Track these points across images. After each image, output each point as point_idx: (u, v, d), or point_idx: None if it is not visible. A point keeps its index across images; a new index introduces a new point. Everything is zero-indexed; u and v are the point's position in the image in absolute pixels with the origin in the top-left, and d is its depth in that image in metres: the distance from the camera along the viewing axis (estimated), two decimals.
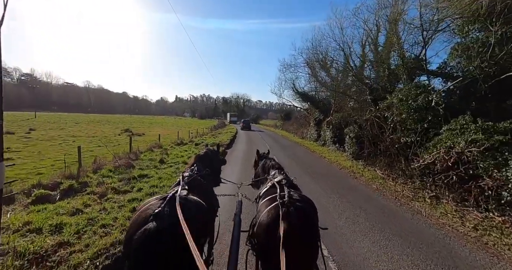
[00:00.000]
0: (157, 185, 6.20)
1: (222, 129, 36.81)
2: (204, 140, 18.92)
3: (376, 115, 10.09)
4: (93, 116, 74.53)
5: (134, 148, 11.61)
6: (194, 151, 12.59)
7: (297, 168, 9.87)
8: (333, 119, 14.79)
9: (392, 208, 5.37)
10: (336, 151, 13.98)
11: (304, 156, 13.57)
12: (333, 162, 11.20)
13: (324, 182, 7.62)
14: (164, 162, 9.24)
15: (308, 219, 1.85)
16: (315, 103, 21.97)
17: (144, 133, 27.47)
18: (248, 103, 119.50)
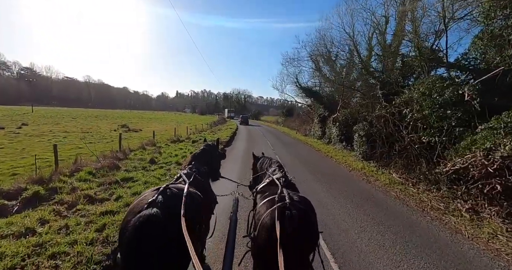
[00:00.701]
0: (141, 191, 5.27)
1: (222, 125, 35.84)
2: (202, 137, 17.97)
3: (390, 112, 9.09)
4: (92, 111, 73.67)
5: (125, 146, 10.69)
6: (190, 149, 11.66)
7: (302, 169, 8.93)
8: (340, 116, 13.78)
9: (422, 225, 4.41)
10: (343, 150, 13.01)
11: (309, 155, 12.62)
12: (341, 163, 10.24)
13: (334, 187, 6.68)
14: (155, 162, 8.31)
15: (309, 222, 1.87)
16: (319, 98, 20.91)
17: (141, 129, 26.55)
18: (249, 99, 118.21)
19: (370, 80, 13.69)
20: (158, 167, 7.78)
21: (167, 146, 12.48)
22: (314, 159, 11.28)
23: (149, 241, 1.47)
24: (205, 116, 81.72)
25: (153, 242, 1.48)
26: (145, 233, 1.46)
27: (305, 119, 30.08)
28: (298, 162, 10.29)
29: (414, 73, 11.01)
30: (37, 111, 48.03)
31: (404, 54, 11.01)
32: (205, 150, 3.29)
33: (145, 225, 1.47)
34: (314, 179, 7.54)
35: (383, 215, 4.83)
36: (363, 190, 6.52)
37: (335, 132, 14.37)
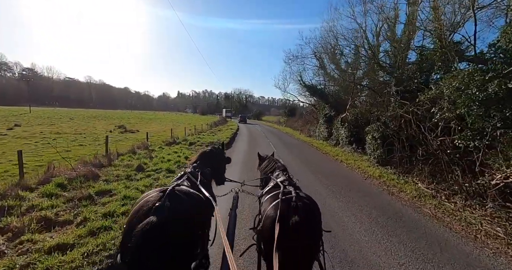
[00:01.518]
0: (115, 211, 4.21)
1: (222, 126, 34.80)
2: (201, 138, 16.93)
3: (412, 111, 7.97)
4: (92, 111, 72.97)
5: (114, 149, 9.67)
6: (186, 152, 10.62)
7: (311, 177, 7.83)
8: (349, 115, 12.66)
9: (485, 263, 3.31)
10: (353, 153, 11.89)
11: (316, 158, 11.52)
12: (353, 168, 9.13)
13: (352, 202, 5.58)
14: (142, 169, 7.25)
15: (314, 214, 1.88)
16: (324, 97, 19.78)
17: (139, 130, 25.56)
18: (251, 99, 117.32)
19: (382, 76, 12.54)
20: (145, 175, 6.72)
21: (161, 149, 11.43)
22: (322, 164, 10.17)
23: (157, 248, 1.47)
24: (206, 116, 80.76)
25: (161, 249, 1.48)
26: (152, 240, 1.45)
27: (308, 119, 28.94)
28: (305, 168, 9.19)
29: (434, 67, 9.86)
30: (35, 112, 47.32)
31: (423, 47, 9.86)
32: (211, 152, 3.30)
33: (152, 232, 1.44)
34: (326, 190, 6.45)
35: (425, 244, 3.72)
36: (388, 205, 5.41)
37: (344, 133, 13.25)
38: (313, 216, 1.86)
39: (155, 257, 1.45)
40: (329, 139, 16.63)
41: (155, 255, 1.45)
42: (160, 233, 1.47)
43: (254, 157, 3.92)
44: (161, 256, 1.46)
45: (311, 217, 1.82)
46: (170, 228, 1.52)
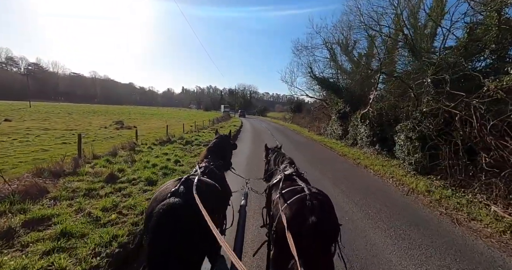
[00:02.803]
0: (25, 265, 2.49)
1: (225, 122, 33.07)
2: (200, 136, 15.21)
3: (468, 105, 6.04)
4: (95, 106, 72.02)
5: (92, 149, 8.02)
6: (178, 154, 8.92)
7: (334, 189, 6.05)
8: (372, 111, 10.73)
9: None
10: (377, 156, 10.00)
11: (333, 162, 9.69)
12: (384, 177, 7.29)
13: (402, 235, 3.79)
14: (114, 179, 5.55)
15: (331, 212, 1.84)
16: (338, 91, 17.79)
17: (136, 126, 23.98)
18: (255, 95, 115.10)
19: (411, 64, 10.49)
20: (114, 189, 5.00)
21: (150, 149, 9.74)
22: (343, 170, 8.34)
23: (172, 227, 1.53)
24: (210, 112, 79.20)
25: (176, 228, 1.54)
26: (168, 219, 1.54)
27: (317, 116, 26.95)
28: (323, 176, 7.39)
29: (485, 50, 7.86)
30: (36, 107, 46.33)
31: (478, 23, 7.81)
32: (219, 143, 3.34)
33: (168, 212, 1.56)
34: (360, 213, 4.65)
35: None
36: (465, 247, 3.58)
37: (364, 132, 11.34)
38: (330, 213, 1.82)
39: (172, 236, 1.52)
40: (344, 138, 14.71)
41: (172, 234, 1.52)
42: (175, 214, 1.57)
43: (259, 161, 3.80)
44: (178, 237, 1.53)
45: (329, 215, 1.78)
46: (184, 210, 1.60)
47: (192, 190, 1.75)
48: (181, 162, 7.83)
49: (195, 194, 1.71)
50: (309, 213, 1.68)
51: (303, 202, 1.79)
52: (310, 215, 1.66)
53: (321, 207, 1.74)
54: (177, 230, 1.53)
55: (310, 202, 1.74)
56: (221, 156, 3.08)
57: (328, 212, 1.80)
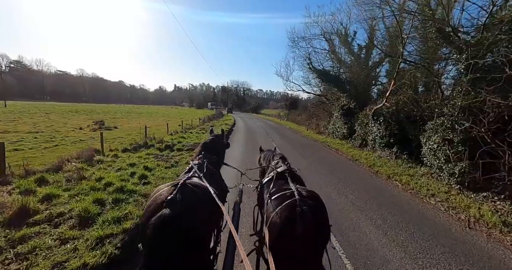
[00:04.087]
0: None
1: (217, 120, 30.96)
2: (185, 138, 13.17)
3: None
4: (82, 105, 68.64)
5: (24, 163, 5.97)
6: (150, 165, 6.92)
7: (356, 214, 4.20)
8: (389, 106, 8.93)
9: None
10: (395, 160, 8.23)
11: (344, 170, 7.86)
12: (420, 193, 5.48)
13: None
14: (24, 217, 3.54)
15: (320, 217, 1.79)
16: (340, 85, 15.99)
17: (117, 126, 21.75)
18: (249, 92, 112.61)
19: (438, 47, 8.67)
20: (11, 239, 3.01)
21: (115, 158, 7.70)
22: (361, 182, 6.51)
23: (170, 240, 1.47)
24: (202, 110, 76.76)
25: (174, 240, 1.48)
26: (165, 232, 1.47)
27: (314, 112, 25.16)
28: (337, 193, 5.55)
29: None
30: (13, 106, 43.12)
31: None
32: (213, 140, 3.32)
33: (165, 224, 1.47)
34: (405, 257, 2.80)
35: None
36: None
37: (377, 132, 9.54)
38: (321, 217, 1.78)
39: (169, 249, 1.47)
40: (350, 137, 12.92)
41: (169, 248, 1.47)
42: (173, 226, 1.48)
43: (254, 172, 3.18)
44: (175, 249, 1.48)
45: (319, 219, 1.74)
46: (183, 221, 1.52)
47: (189, 197, 1.68)
48: (148, 177, 5.84)
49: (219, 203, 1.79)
50: (300, 220, 1.65)
51: (292, 208, 1.74)
52: (301, 222, 1.65)
53: (312, 213, 1.70)
54: (174, 243, 1.48)
55: (299, 209, 1.70)
56: (215, 153, 3.04)
57: (319, 216, 1.76)
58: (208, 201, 1.83)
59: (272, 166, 2.62)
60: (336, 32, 21.27)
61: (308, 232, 1.61)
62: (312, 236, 1.64)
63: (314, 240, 1.66)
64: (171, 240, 1.47)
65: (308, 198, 1.85)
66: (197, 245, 1.59)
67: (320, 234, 1.72)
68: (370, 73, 18.10)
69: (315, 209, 1.76)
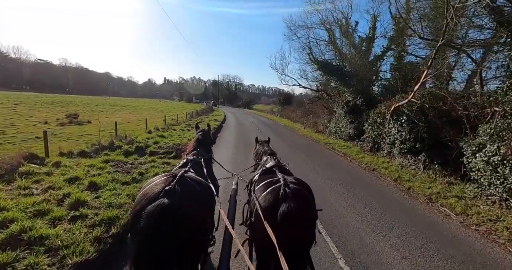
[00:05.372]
0: None
1: (206, 116, 28.72)
2: (165, 138, 11.07)
3: None
4: (62, 96, 64.07)
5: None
6: (98, 182, 4.86)
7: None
8: (413, 103, 7.20)
9: None
10: (425, 171, 6.54)
11: (358, 182, 6.10)
12: (493, 232, 3.75)
13: None
14: None
15: (305, 200, 1.81)
16: (344, 78, 14.20)
17: (91, 121, 19.24)
18: (240, 87, 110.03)
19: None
20: None
21: (54, 168, 5.57)
22: (393, 210, 4.75)
23: (165, 231, 1.41)
24: (192, 104, 73.80)
25: (169, 232, 1.42)
26: (163, 222, 1.40)
27: (311, 109, 23.42)
28: (371, 231, 3.75)
29: None
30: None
31: None
32: (204, 136, 3.35)
33: (163, 213, 1.42)
34: None
35: None
36: None
37: (398, 134, 7.80)
38: (304, 201, 1.79)
39: (165, 241, 1.40)
40: (358, 139, 11.20)
41: (165, 239, 1.40)
42: (172, 216, 1.44)
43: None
44: (172, 242, 1.43)
45: (302, 203, 1.74)
46: (181, 212, 1.49)
47: (187, 189, 1.67)
48: (86, 205, 3.81)
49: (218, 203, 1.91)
50: (281, 201, 1.69)
51: (277, 191, 1.79)
52: (282, 203, 1.67)
53: (294, 195, 1.73)
54: (170, 234, 1.41)
55: (283, 191, 1.75)
56: (208, 149, 3.14)
57: (302, 199, 1.78)
58: (205, 195, 1.85)
59: (262, 163, 2.73)
60: (336, 21, 19.54)
61: (291, 214, 1.62)
62: (296, 218, 1.63)
63: (298, 222, 1.65)
64: (168, 230, 1.40)
65: (293, 183, 1.89)
66: (193, 237, 1.57)
67: (304, 216, 1.71)
68: (372, 67, 16.49)
69: (298, 192, 1.80)
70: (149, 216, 1.40)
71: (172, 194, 1.53)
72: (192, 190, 1.71)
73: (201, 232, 1.64)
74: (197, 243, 1.64)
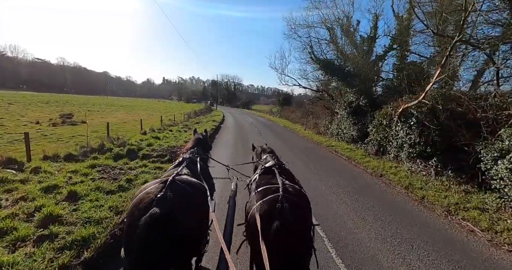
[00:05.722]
0: None
1: (204, 116, 28.19)
2: (159, 140, 10.56)
3: None
4: (59, 96, 63.25)
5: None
6: (78, 191, 4.34)
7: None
8: (423, 105, 6.72)
9: None
10: (437, 178, 6.06)
11: (365, 190, 5.62)
12: None
13: None
14: None
15: (301, 214, 1.80)
16: (346, 79, 13.75)
17: (86, 121, 18.61)
18: (240, 87, 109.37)
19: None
20: None
21: (32, 174, 5.04)
22: (407, 225, 4.27)
23: (162, 240, 1.44)
24: (190, 104, 73.20)
25: (164, 241, 1.45)
26: (156, 232, 1.42)
27: (311, 110, 22.95)
28: (388, 254, 3.25)
29: None
30: None
31: None
32: (204, 137, 3.46)
33: (156, 223, 1.43)
34: None
35: None
36: None
37: (406, 137, 7.32)
38: (300, 215, 1.78)
39: (160, 249, 1.43)
40: (361, 141, 10.71)
41: (160, 248, 1.43)
42: (164, 225, 1.44)
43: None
44: (166, 249, 1.45)
45: (297, 217, 1.73)
46: (174, 220, 1.50)
47: (179, 195, 1.66)
48: (61, 220, 3.30)
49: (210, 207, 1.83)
50: (277, 215, 1.67)
51: (273, 203, 1.76)
52: (277, 217, 1.65)
53: (292, 210, 1.71)
54: (162, 242, 1.44)
55: (280, 205, 1.72)
56: (205, 150, 3.14)
57: (299, 214, 1.76)
58: (197, 196, 1.84)
59: (261, 161, 2.69)
60: (337, 20, 19.15)
61: (284, 229, 1.60)
62: (289, 233, 1.61)
63: (291, 237, 1.63)
64: (161, 239, 1.43)
65: (292, 195, 1.87)
66: (187, 243, 1.60)
67: (298, 231, 1.70)
68: (374, 67, 16.09)
69: (296, 206, 1.77)
70: (142, 228, 1.40)
71: (163, 201, 1.54)
72: (183, 193, 1.72)
73: (194, 232, 1.68)
74: (191, 243, 1.66)
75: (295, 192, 1.92)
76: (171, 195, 1.59)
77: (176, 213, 1.53)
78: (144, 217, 1.43)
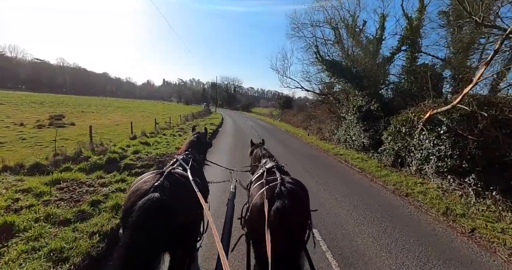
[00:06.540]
0: None
1: (202, 119, 27.09)
2: (146, 147, 9.42)
3: None
4: (54, 96, 62.16)
5: None
6: (18, 222, 3.21)
7: None
8: (453, 111, 5.64)
9: None
10: (479, 201, 4.94)
11: (393, 219, 4.50)
12: None
13: None
14: None
15: (299, 199, 1.87)
16: (354, 80, 12.70)
17: (76, 123, 17.55)
18: (240, 89, 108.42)
19: None
20: None
21: None
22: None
23: (157, 225, 1.44)
24: (190, 106, 72.18)
25: (161, 226, 1.45)
26: (153, 216, 1.44)
27: (314, 113, 21.87)
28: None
29: None
30: None
31: None
32: (199, 138, 3.34)
33: (153, 208, 1.45)
34: None
35: None
36: None
37: (434, 149, 6.21)
38: (298, 200, 1.84)
39: (156, 232, 1.43)
40: (373, 150, 9.58)
41: (156, 230, 1.43)
42: (161, 210, 1.47)
43: None
44: (161, 233, 1.46)
45: (296, 201, 1.78)
46: (171, 206, 1.53)
47: (176, 184, 1.71)
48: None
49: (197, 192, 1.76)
50: (276, 198, 1.73)
51: (273, 189, 1.83)
52: (276, 200, 1.71)
53: (290, 193, 1.79)
54: (161, 227, 1.45)
55: (279, 189, 1.79)
56: (201, 151, 3.08)
57: (296, 197, 1.83)
58: (193, 190, 1.85)
59: (261, 164, 2.75)
60: (343, 20, 18.29)
61: (284, 211, 1.64)
62: (289, 214, 1.65)
63: (291, 218, 1.66)
64: (158, 222, 1.44)
65: (289, 182, 1.96)
66: (181, 230, 1.63)
67: (297, 214, 1.74)
68: (381, 70, 15.11)
69: (293, 190, 1.87)
70: (140, 209, 1.43)
71: (161, 188, 1.59)
72: (180, 183, 1.79)
73: (189, 221, 1.72)
74: (185, 230, 1.68)
75: (292, 181, 2.03)
76: (168, 184, 1.64)
77: (173, 201, 1.55)
78: (142, 200, 1.47)
